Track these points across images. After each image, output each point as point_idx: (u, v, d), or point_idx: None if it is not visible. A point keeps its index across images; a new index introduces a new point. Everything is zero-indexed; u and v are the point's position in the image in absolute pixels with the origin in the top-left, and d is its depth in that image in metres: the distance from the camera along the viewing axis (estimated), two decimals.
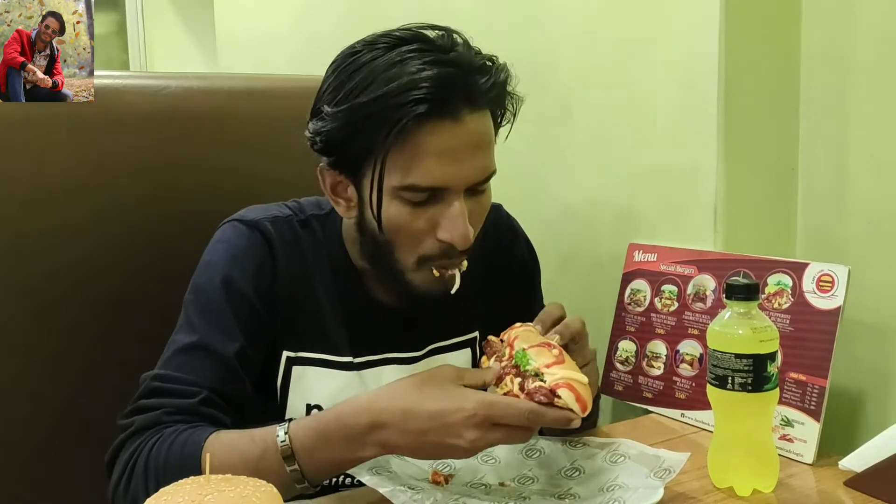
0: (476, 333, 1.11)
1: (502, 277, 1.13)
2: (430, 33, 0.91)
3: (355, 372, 1.01)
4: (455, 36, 0.91)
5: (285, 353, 0.98)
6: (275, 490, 0.66)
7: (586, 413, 0.78)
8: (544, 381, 0.78)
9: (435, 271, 0.92)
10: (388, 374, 1.02)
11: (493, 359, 0.87)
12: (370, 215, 0.91)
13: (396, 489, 0.81)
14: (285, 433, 0.82)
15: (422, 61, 0.86)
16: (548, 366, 0.79)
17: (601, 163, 1.29)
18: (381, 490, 0.81)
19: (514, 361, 0.82)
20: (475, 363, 1.10)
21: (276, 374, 0.98)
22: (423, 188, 0.88)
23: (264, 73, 1.97)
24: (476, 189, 0.91)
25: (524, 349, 0.82)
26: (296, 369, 0.99)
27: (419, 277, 0.93)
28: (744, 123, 1.13)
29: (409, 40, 0.89)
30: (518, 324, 0.89)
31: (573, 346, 0.87)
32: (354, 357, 1.01)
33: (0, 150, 1.12)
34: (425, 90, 0.83)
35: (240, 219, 0.99)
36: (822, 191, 1.15)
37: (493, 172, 0.92)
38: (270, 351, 0.97)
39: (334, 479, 0.97)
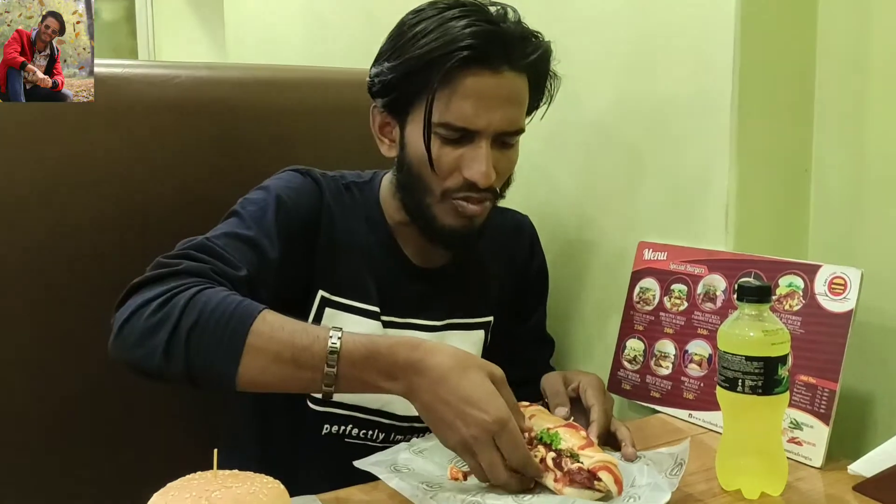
0: (491, 318, 1.17)
1: (521, 275, 1.21)
2: (488, 7, 1.02)
3: (381, 324, 1.06)
4: (509, 10, 1.03)
5: (321, 293, 1.05)
6: (281, 487, 0.66)
7: (622, 493, 0.83)
8: (582, 463, 0.82)
9: (457, 206, 1.01)
10: None
11: None
12: (409, 152, 1.02)
13: (417, 490, 0.82)
14: (339, 339, 0.85)
15: (473, 19, 0.98)
16: (581, 447, 0.84)
17: (611, 160, 1.28)
18: (405, 493, 0.83)
19: (540, 439, 0.86)
20: (486, 346, 1.16)
21: (309, 311, 1.04)
22: (456, 127, 0.98)
23: (273, 62, 1.97)
24: (505, 142, 1.02)
25: (549, 429, 0.86)
26: (328, 311, 1.05)
27: (443, 210, 1.02)
28: (757, 123, 1.12)
29: (466, 4, 1.01)
30: (525, 403, 0.93)
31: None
32: (382, 312, 1.07)
33: (6, 141, 1.12)
34: (471, 40, 0.96)
35: (294, 168, 1.09)
36: (835, 192, 1.14)
37: (522, 130, 1.03)
38: (305, 285, 1.04)
39: (342, 429, 1.06)
